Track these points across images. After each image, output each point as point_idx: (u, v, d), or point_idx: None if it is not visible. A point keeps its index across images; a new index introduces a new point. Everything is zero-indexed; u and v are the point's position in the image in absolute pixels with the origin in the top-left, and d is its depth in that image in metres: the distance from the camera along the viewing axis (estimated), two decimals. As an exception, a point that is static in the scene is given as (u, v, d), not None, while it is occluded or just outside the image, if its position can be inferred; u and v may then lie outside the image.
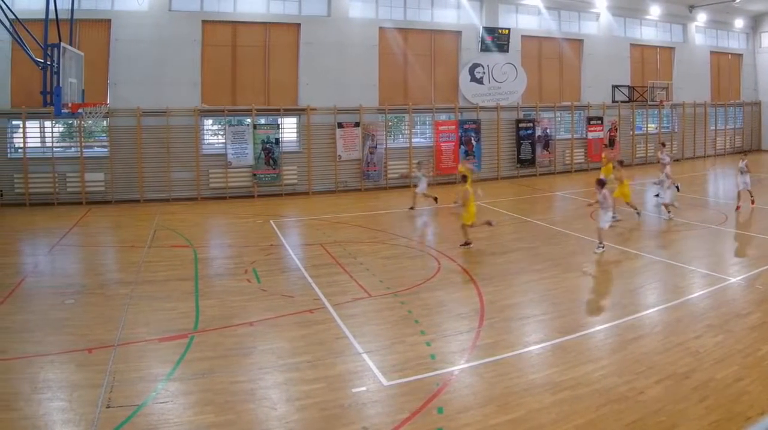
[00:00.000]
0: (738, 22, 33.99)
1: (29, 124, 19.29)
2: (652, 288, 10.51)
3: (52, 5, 13.32)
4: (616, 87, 28.48)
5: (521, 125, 26.06)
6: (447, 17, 25.11)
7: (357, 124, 22.58)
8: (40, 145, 19.73)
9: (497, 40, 25.44)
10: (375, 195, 21.99)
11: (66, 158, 19.72)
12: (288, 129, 22.41)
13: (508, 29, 25.70)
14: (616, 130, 28.50)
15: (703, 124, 32.49)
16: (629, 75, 29.49)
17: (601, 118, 28.03)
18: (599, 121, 27.98)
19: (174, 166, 20.45)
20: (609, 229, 13.31)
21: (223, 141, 21.25)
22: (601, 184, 12.90)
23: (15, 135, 19.52)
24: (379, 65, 23.54)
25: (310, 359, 7.54)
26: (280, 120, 22.01)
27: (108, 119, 19.53)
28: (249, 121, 21.42)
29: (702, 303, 9.53)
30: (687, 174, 26.36)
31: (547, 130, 26.64)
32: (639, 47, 30.25)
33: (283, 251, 13.54)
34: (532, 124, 26.25)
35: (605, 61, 28.42)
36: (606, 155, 19.80)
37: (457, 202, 14.30)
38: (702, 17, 32.07)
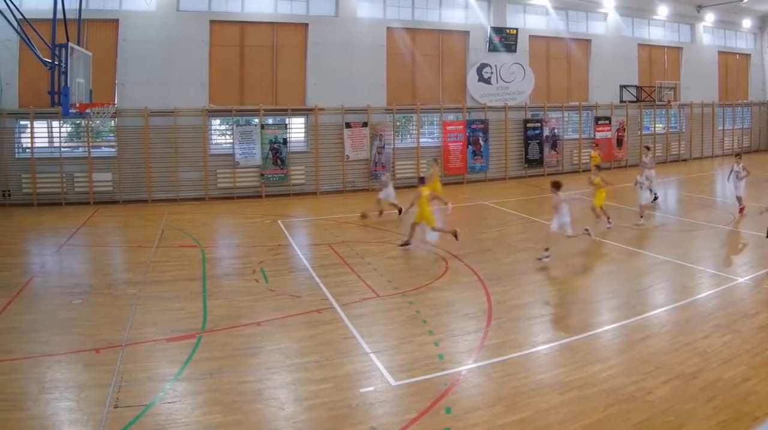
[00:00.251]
0: (746, 22, 33.82)
1: (37, 124, 19.35)
2: (660, 288, 10.46)
3: (60, 5, 13.40)
4: (623, 87, 28.41)
5: (529, 125, 26.02)
6: (455, 17, 25.07)
7: (365, 124, 22.58)
8: (47, 145, 19.80)
9: (505, 40, 25.40)
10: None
11: (74, 158, 19.79)
12: (296, 129, 22.44)
13: (516, 29, 25.65)
14: (624, 130, 28.41)
15: (710, 125, 32.35)
16: (637, 75, 29.38)
17: (609, 118, 27.95)
18: (607, 121, 27.90)
19: (182, 166, 20.49)
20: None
21: (231, 141, 21.29)
22: (556, 186, 12.23)
23: (23, 135, 19.61)
24: (387, 65, 23.53)
25: (318, 359, 7.54)
26: (287, 120, 22.04)
27: (116, 119, 19.57)
28: (257, 121, 21.45)
29: (710, 303, 9.48)
30: (695, 174, 26.30)
31: (555, 130, 26.59)
32: (647, 47, 30.13)
33: (290, 251, 13.55)
34: (539, 124, 26.20)
35: (613, 61, 28.32)
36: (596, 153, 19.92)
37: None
38: (710, 17, 31.93)
